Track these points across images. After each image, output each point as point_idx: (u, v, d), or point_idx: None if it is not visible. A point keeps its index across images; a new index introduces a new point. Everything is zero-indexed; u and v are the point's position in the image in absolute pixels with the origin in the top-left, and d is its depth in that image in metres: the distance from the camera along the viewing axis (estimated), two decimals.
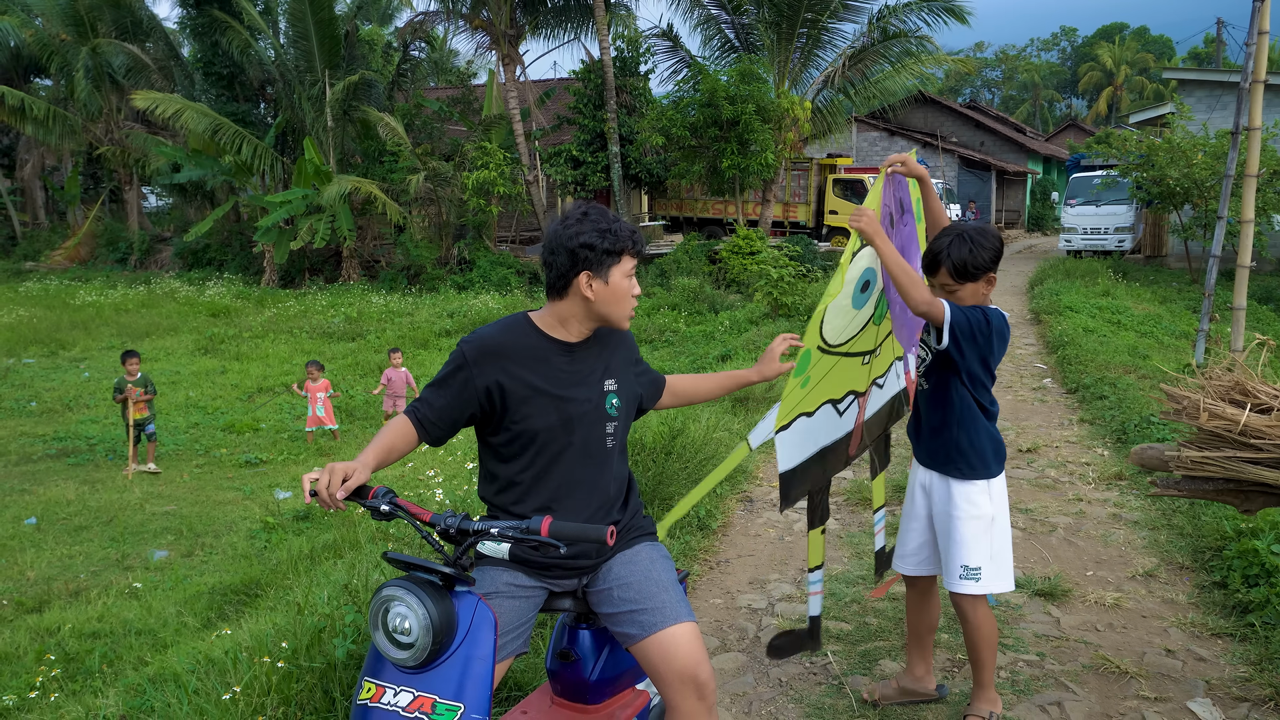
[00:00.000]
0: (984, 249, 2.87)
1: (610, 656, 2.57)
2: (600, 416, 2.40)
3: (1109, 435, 7.14)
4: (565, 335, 2.39)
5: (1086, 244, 23.21)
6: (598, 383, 2.41)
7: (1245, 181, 8.83)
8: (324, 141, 22.38)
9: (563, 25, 24.54)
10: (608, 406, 2.42)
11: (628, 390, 2.51)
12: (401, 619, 1.96)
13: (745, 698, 3.46)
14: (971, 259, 2.86)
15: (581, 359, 2.40)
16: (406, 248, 21.52)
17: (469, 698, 1.94)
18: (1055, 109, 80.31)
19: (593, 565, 2.42)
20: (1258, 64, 8.78)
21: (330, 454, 9.89)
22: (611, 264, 2.31)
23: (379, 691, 1.99)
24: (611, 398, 2.43)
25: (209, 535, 7.44)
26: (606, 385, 2.42)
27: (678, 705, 2.27)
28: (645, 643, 2.30)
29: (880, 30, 23.08)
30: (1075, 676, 3.57)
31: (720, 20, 23.31)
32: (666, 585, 2.37)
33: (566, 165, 23.11)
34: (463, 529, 2.08)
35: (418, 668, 1.97)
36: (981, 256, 2.87)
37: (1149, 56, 70.35)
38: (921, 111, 38.55)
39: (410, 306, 18.33)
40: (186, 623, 5.43)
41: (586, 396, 2.37)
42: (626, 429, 2.54)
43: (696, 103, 20.56)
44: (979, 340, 2.85)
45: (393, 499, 2.13)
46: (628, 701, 2.66)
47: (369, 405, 11.39)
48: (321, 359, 14.21)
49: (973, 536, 2.92)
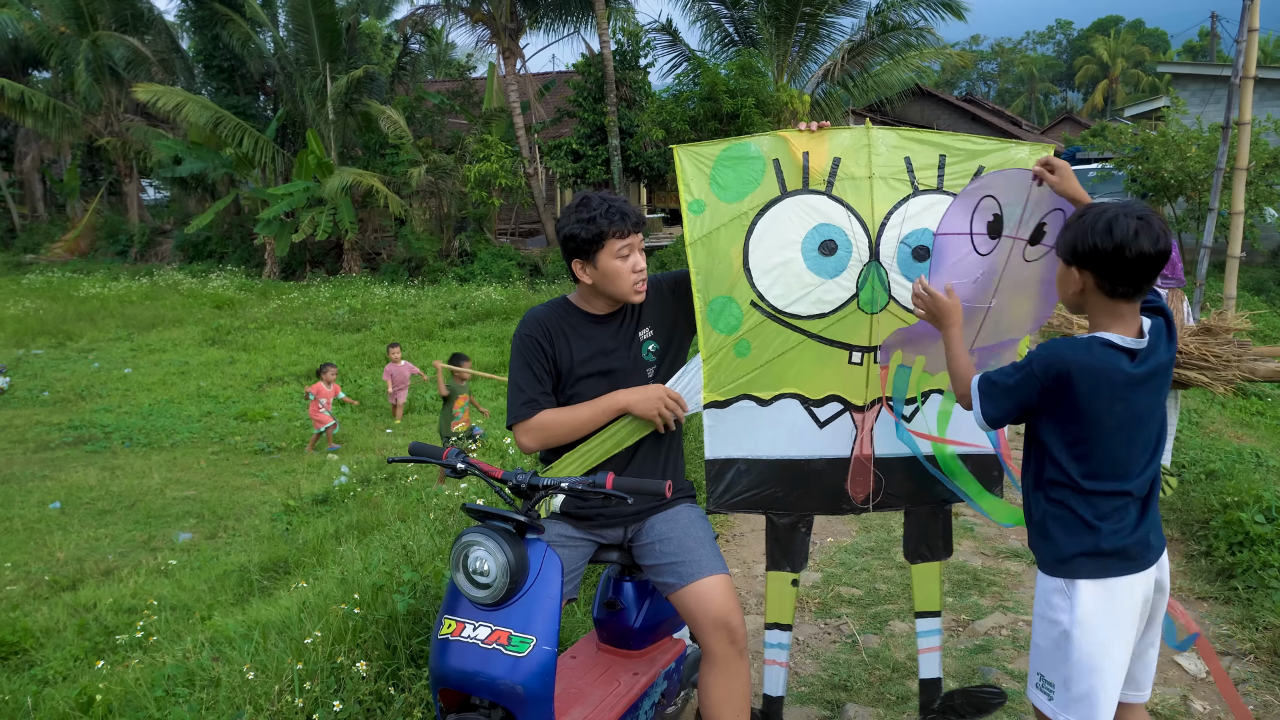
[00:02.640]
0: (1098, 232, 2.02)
1: (651, 606, 2.82)
2: (639, 366, 2.65)
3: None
4: (595, 309, 2.66)
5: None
6: (631, 338, 2.66)
7: (1235, 175, 9.08)
8: (325, 134, 22.53)
9: (562, 19, 24.69)
10: (644, 354, 2.66)
11: (663, 327, 2.70)
12: (481, 561, 2.20)
13: (763, 654, 3.71)
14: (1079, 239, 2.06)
15: (617, 323, 2.66)
16: (408, 240, 21.70)
17: (540, 631, 2.18)
18: (1051, 102, 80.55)
19: (636, 517, 2.66)
20: (1248, 60, 9.04)
21: (340, 447, 10.11)
22: (596, 250, 2.53)
23: (459, 627, 2.23)
24: (648, 344, 2.67)
25: (230, 518, 7.67)
26: (641, 335, 2.67)
27: (712, 648, 2.50)
28: (683, 591, 2.53)
29: (879, 23, 23.35)
30: None
31: (719, 14, 23.53)
32: (704, 541, 2.61)
33: (567, 158, 23.29)
34: (532, 484, 2.33)
35: (494, 605, 2.21)
36: (1089, 239, 2.03)
37: (1144, 50, 70.67)
38: (919, 104, 38.74)
39: (414, 298, 18.54)
40: (219, 599, 5.66)
41: (623, 355, 2.63)
42: (674, 364, 2.71)
43: (696, 96, 20.74)
44: (1028, 403, 2.14)
45: (465, 458, 2.37)
46: (667, 648, 2.92)
47: (378, 395, 11.62)
48: (328, 350, 14.44)
49: (1047, 644, 2.19)
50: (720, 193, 2.63)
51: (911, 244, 2.61)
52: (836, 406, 2.70)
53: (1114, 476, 2.11)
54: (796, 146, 2.62)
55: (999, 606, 4.12)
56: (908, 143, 2.65)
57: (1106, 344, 2.07)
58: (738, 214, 2.62)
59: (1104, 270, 2.04)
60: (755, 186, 2.63)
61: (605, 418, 2.58)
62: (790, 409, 2.68)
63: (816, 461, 2.71)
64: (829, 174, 2.61)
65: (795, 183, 2.61)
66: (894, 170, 2.62)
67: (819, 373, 2.66)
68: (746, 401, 2.67)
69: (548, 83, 26.11)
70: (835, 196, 2.61)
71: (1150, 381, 2.10)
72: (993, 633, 3.86)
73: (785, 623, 2.87)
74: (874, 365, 2.66)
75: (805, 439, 2.69)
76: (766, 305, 2.61)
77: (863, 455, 2.72)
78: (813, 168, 2.61)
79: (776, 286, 2.61)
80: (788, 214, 2.61)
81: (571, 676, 2.73)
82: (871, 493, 2.75)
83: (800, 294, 2.61)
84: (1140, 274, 2.03)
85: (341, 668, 2.76)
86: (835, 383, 2.68)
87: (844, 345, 2.65)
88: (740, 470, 2.71)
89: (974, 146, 2.65)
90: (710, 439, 2.69)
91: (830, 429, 2.70)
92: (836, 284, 2.61)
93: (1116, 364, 2.06)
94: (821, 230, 2.60)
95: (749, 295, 2.61)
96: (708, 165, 2.64)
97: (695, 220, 2.64)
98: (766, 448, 2.69)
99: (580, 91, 23.37)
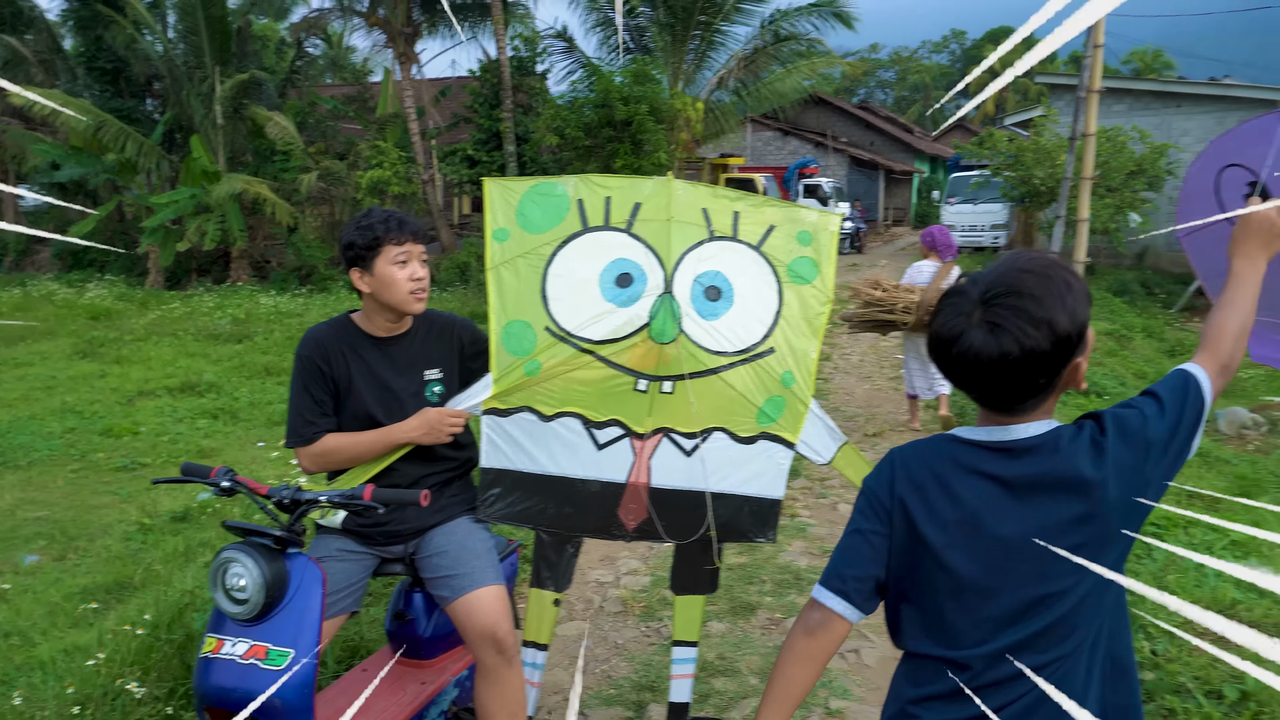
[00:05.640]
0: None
1: (440, 616, 2.89)
2: (420, 404, 2.68)
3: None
4: (375, 330, 2.67)
5: (964, 240, 24.40)
6: (418, 373, 2.70)
7: (1080, 184, 9.60)
8: (213, 140, 21.95)
9: (460, 24, 24.58)
10: (428, 393, 2.70)
11: (454, 374, 2.75)
12: (237, 578, 2.23)
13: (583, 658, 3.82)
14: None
15: (401, 349, 2.68)
16: (299, 248, 21.28)
17: (299, 643, 2.23)
18: (947, 109, 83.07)
19: (415, 533, 2.72)
20: (1093, 75, 9.56)
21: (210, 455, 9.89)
22: (373, 256, 2.56)
23: (219, 644, 2.26)
24: (434, 385, 2.72)
25: (83, 539, 7.43)
26: (428, 374, 2.72)
27: (481, 659, 2.58)
28: (455, 604, 2.60)
29: (772, 33, 23.85)
30: (877, 629, 4.03)
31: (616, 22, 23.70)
32: (479, 553, 2.68)
33: (463, 164, 23.14)
34: (295, 499, 2.37)
35: (253, 620, 2.25)
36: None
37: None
38: (815, 112, 39.64)
39: (300, 307, 18.18)
40: (56, 621, 5.51)
41: (404, 385, 2.66)
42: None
43: (591, 103, 20.87)
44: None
45: (233, 476, 2.40)
46: (458, 656, 2.99)
47: (253, 408, 11.39)
48: (206, 361, 14.08)
49: None
50: (525, 224, 2.71)
51: (705, 283, 2.68)
52: (617, 431, 2.71)
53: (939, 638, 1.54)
54: (600, 190, 2.74)
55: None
56: (705, 198, 2.75)
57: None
58: (539, 244, 2.70)
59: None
60: (559, 221, 2.71)
61: (386, 449, 2.62)
62: (571, 427, 2.71)
63: (591, 483, 2.72)
64: (630, 215, 2.70)
65: (597, 220, 2.71)
66: (691, 217, 2.71)
67: (604, 396, 2.70)
68: (528, 414, 2.71)
69: (444, 88, 25.94)
70: (634, 234, 2.69)
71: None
72: None
73: (542, 642, 2.84)
74: (659, 394, 2.68)
75: (582, 459, 2.71)
76: (560, 329, 2.67)
77: (638, 483, 2.71)
78: (614, 209, 2.71)
79: (572, 313, 2.67)
80: (588, 247, 2.70)
81: (359, 688, 2.77)
82: (643, 521, 2.74)
83: (594, 320, 2.67)
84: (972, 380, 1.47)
85: (125, 691, 2.76)
86: (618, 407, 2.70)
87: (631, 371, 2.69)
88: (513, 482, 2.74)
89: (766, 210, 2.77)
90: (487, 447, 2.73)
91: (608, 452, 2.71)
92: (630, 313, 2.66)
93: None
94: (619, 264, 2.68)
95: (544, 320, 2.67)
96: (515, 198, 2.74)
97: (498, 247, 2.72)
98: (542, 462, 2.72)
99: (477, 97, 23.27)
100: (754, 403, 2.68)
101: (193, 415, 10.80)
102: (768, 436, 2.70)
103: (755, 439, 2.70)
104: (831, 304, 2.70)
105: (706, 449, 2.70)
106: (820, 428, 2.68)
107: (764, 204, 2.79)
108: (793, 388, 2.67)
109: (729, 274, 2.68)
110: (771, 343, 2.67)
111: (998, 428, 1.48)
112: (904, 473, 1.54)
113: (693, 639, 2.89)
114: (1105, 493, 1.42)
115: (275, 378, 12.46)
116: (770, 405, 2.67)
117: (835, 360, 11.42)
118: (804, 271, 2.70)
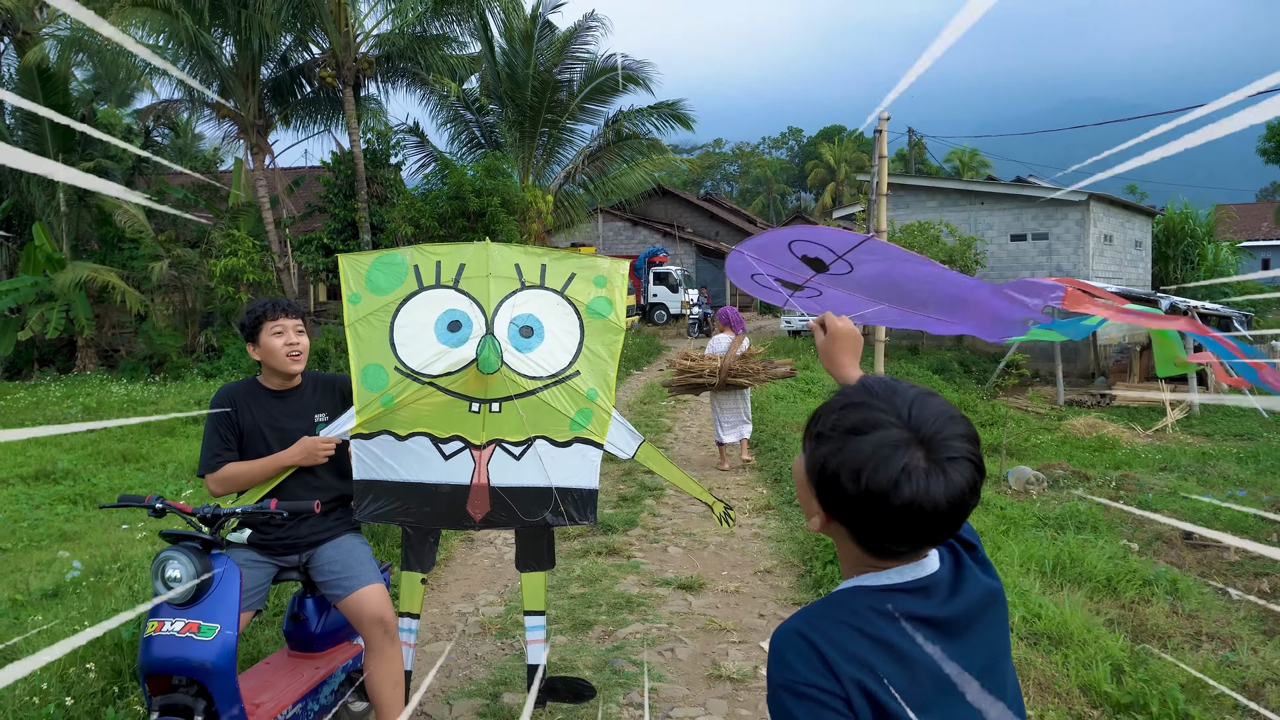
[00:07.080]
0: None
1: (330, 616, 3.64)
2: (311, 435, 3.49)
3: (769, 478, 8.86)
4: (273, 385, 3.49)
5: (803, 324, 26.33)
6: (309, 415, 3.50)
7: None
8: (56, 227, 21.68)
9: (313, 117, 25.12)
10: (318, 430, 3.51)
11: (336, 415, 3.54)
12: (175, 570, 2.95)
13: (446, 668, 4.56)
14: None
15: (294, 400, 3.50)
16: (149, 336, 21.10)
17: (223, 620, 2.95)
18: (787, 201, 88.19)
19: (308, 545, 3.48)
20: (880, 181, 11.18)
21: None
22: (258, 331, 3.39)
23: (160, 625, 2.95)
24: (320, 427, 3.52)
25: None
26: (318, 418, 3.52)
27: (370, 639, 3.36)
28: (347, 599, 3.37)
29: (615, 132, 25.50)
30: (690, 634, 4.94)
31: (466, 119, 24.87)
32: (363, 560, 3.46)
33: (318, 253, 23.54)
34: (215, 513, 3.12)
35: (186, 605, 2.96)
36: None
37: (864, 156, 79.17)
38: (662, 203, 41.86)
39: (154, 395, 18.08)
40: None
41: (297, 426, 3.46)
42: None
43: (445, 195, 21.80)
44: None
45: (163, 500, 3.12)
46: (345, 649, 3.73)
47: (114, 494, 11.48)
48: (59, 449, 13.95)
49: None
50: (373, 288, 3.58)
51: (519, 323, 3.48)
52: (459, 444, 3.42)
53: None
54: (432, 256, 3.60)
55: (640, 619, 5.19)
56: (517, 255, 3.67)
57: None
58: (386, 303, 3.55)
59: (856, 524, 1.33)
60: (400, 283, 3.58)
61: (276, 472, 3.40)
62: (422, 444, 3.40)
63: (443, 486, 3.42)
64: (456, 274, 3.57)
65: (430, 280, 3.54)
66: (506, 271, 3.60)
67: (446, 417, 3.40)
68: (387, 436, 3.41)
69: (298, 178, 26.36)
70: (461, 289, 3.56)
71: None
72: (629, 636, 4.91)
73: (414, 612, 3.60)
74: (489, 413, 3.42)
75: (433, 468, 3.41)
76: (407, 368, 3.38)
77: (480, 483, 3.43)
78: (444, 270, 3.58)
79: (415, 354, 3.38)
80: (424, 302, 3.46)
81: (264, 675, 3.47)
82: (487, 513, 3.47)
83: (433, 359, 3.37)
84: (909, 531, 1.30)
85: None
86: (458, 426, 3.41)
87: (465, 397, 3.41)
88: (380, 489, 3.44)
89: (568, 261, 3.72)
90: (357, 464, 3.42)
91: (454, 461, 3.42)
92: (461, 352, 3.36)
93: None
94: (450, 314, 3.43)
95: (394, 362, 3.38)
96: (364, 268, 3.60)
97: (353, 308, 3.57)
98: (401, 473, 3.41)
99: (331, 188, 23.82)
100: (566, 414, 3.45)
101: (50, 501, 10.89)
102: (581, 440, 3.47)
103: (571, 443, 3.46)
104: (624, 333, 3.61)
105: (532, 454, 3.44)
106: (622, 430, 3.56)
107: (565, 256, 3.73)
108: (597, 400, 3.54)
109: (539, 315, 3.55)
110: (577, 366, 3.56)
111: (908, 566, 1.34)
112: (835, 651, 1.27)
113: (540, 608, 3.64)
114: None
115: (135, 464, 12.53)
116: (580, 415, 3.52)
117: (676, 431, 12.48)
118: (600, 308, 3.61)
